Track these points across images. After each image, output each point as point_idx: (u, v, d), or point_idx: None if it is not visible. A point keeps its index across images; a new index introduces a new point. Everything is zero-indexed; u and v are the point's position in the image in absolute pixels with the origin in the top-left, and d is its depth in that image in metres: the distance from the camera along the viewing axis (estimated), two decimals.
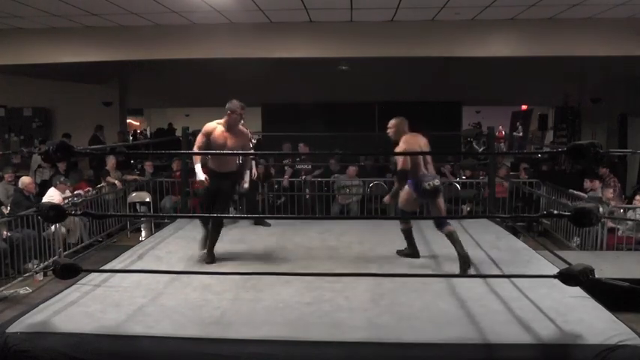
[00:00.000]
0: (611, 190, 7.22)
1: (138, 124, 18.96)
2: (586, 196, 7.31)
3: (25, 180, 6.70)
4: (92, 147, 8.37)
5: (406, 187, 4.36)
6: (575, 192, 7.41)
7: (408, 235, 4.50)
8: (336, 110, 11.00)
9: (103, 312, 3.14)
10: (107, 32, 7.78)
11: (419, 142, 4.33)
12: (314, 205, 8.15)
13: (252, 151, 5.32)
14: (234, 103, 4.29)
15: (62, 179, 7.14)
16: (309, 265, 4.25)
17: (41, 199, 6.59)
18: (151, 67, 10.66)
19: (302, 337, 2.84)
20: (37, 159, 9.48)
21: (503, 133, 15.92)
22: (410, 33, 7.56)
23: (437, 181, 4.27)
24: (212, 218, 4.33)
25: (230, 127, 4.30)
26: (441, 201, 4.35)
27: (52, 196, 6.73)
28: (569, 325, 2.91)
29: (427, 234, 5.14)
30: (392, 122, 4.44)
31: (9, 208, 6.57)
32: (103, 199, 7.82)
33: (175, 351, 2.75)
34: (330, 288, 3.55)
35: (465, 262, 4.00)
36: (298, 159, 8.86)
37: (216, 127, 4.33)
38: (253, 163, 5.94)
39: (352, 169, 8.21)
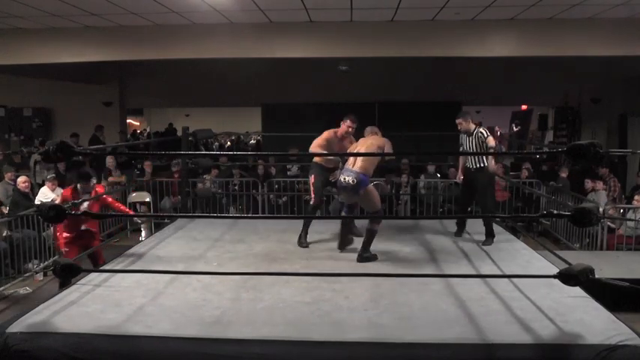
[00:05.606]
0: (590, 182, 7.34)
1: (138, 124, 18.97)
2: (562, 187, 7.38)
3: (19, 179, 6.72)
4: (92, 147, 8.36)
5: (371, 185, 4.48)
6: (577, 195, 7.43)
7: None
8: (336, 110, 10.95)
9: (103, 312, 3.14)
10: (107, 32, 7.78)
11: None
12: None
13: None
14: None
15: (49, 177, 7.13)
16: (309, 265, 4.25)
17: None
18: (151, 67, 10.67)
19: (302, 337, 2.84)
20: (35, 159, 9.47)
21: (499, 133, 15.91)
22: (410, 33, 7.56)
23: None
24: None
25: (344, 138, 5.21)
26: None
27: (45, 193, 6.74)
28: (569, 325, 2.90)
29: (427, 234, 5.15)
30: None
31: (8, 208, 6.57)
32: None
33: (175, 351, 2.75)
34: (330, 288, 3.55)
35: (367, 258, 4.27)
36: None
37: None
38: (492, 159, 5.24)
39: None
